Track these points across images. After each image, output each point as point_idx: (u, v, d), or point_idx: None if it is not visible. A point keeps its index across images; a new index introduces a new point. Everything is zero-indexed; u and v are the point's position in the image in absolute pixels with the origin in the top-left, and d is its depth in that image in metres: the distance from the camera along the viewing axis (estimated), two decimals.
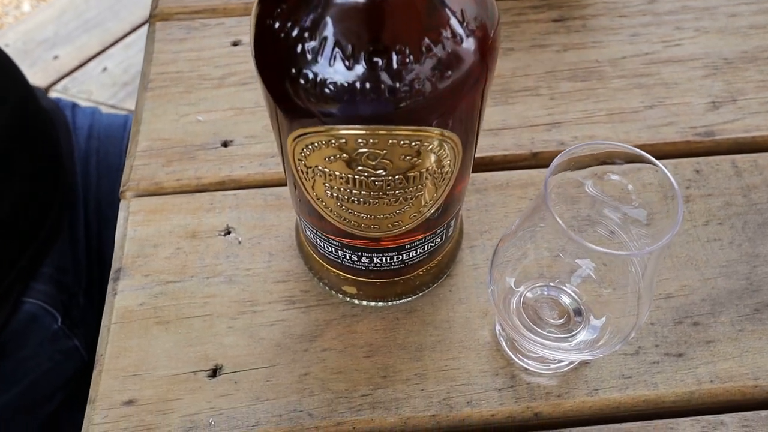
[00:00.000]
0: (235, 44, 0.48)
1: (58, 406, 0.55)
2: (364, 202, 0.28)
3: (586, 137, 0.43)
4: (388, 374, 0.35)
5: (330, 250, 0.33)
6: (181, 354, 0.36)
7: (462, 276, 0.38)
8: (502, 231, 0.39)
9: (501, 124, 0.43)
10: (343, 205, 0.28)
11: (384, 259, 0.33)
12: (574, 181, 0.32)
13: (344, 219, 0.29)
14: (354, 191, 0.27)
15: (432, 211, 0.30)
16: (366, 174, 0.26)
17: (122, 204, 0.41)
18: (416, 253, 0.33)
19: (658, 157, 0.30)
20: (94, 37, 0.97)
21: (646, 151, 0.30)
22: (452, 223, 0.33)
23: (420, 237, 0.32)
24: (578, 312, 0.34)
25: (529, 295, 0.34)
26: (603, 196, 0.32)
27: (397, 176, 0.26)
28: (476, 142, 0.30)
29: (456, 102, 0.24)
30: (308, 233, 0.34)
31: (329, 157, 0.25)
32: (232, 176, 0.42)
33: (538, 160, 0.42)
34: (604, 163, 0.31)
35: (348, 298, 0.37)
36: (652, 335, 0.36)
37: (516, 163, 0.42)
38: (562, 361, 0.35)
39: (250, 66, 0.39)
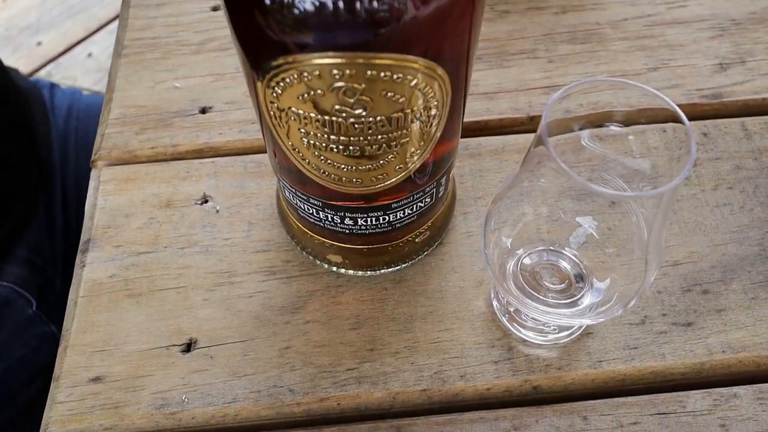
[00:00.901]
0: (215, 9, 0.46)
1: (37, 393, 0.52)
2: (344, 150, 0.25)
3: (589, 103, 0.40)
4: (376, 347, 0.32)
5: (311, 211, 0.31)
6: (153, 328, 0.33)
7: (455, 244, 0.35)
8: None
9: (496, 88, 0.41)
10: (321, 155, 0.26)
11: (369, 220, 0.30)
12: (572, 142, 0.30)
13: (323, 172, 0.27)
14: (332, 137, 0.25)
15: (419, 163, 0.27)
16: (344, 114, 0.23)
17: (93, 173, 0.39)
18: (404, 213, 0.31)
19: (661, 121, 0.28)
20: (78, 22, 0.94)
21: (648, 115, 0.28)
22: (443, 181, 0.31)
23: (407, 195, 0.29)
24: (580, 277, 0.31)
25: (526, 261, 0.32)
26: (603, 149, 0.30)
27: (379, 118, 0.24)
28: (466, 88, 0.27)
29: (442, 28, 0.22)
30: (288, 195, 0.31)
31: (302, 96, 0.23)
32: (211, 144, 0.39)
33: (535, 125, 0.40)
34: (603, 113, 0.28)
35: (333, 268, 0.34)
36: (659, 304, 0.33)
37: (512, 128, 0.40)
38: (563, 331, 0.32)
39: None
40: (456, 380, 0.31)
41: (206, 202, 0.37)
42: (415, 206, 0.31)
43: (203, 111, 0.41)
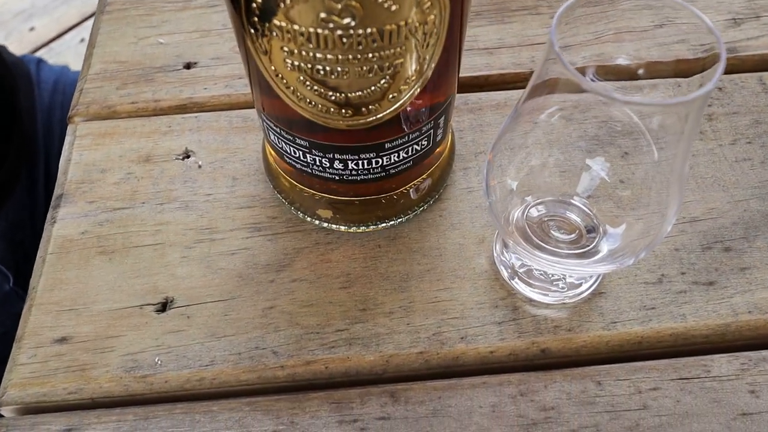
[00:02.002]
0: None
1: None
2: (332, 73, 0.23)
3: (593, 56, 0.38)
4: (368, 307, 0.30)
5: (297, 155, 0.28)
6: (126, 286, 0.30)
7: (454, 200, 0.33)
8: None
9: (497, 43, 0.39)
10: (307, 81, 0.23)
11: (361, 164, 0.28)
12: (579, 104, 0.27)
13: (309, 102, 0.24)
14: (318, 56, 0.22)
15: (417, 90, 0.25)
16: (331, 25, 0.21)
17: (69, 128, 0.36)
18: (398, 157, 0.28)
19: (670, 77, 0.26)
20: (72, 7, 0.92)
21: (657, 69, 0.25)
22: (440, 123, 0.28)
23: (402, 135, 0.27)
24: (592, 228, 0.28)
25: (533, 212, 0.29)
26: (609, 87, 0.27)
27: (369, 30, 0.21)
28: (464, 14, 0.25)
29: None
30: (273, 138, 0.29)
31: (285, 2, 0.21)
32: (195, 99, 0.37)
33: None
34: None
35: (324, 224, 0.32)
36: (677, 262, 0.31)
37: (514, 84, 0.37)
38: (572, 289, 0.29)
39: None
40: (456, 342, 0.29)
41: (188, 157, 0.35)
42: (410, 149, 0.28)
43: (188, 66, 0.38)
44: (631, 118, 0.28)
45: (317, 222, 0.32)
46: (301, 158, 0.28)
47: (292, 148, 0.28)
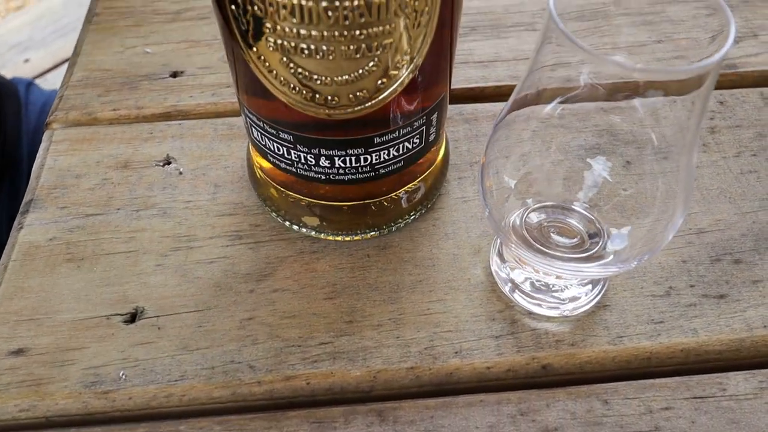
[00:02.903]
0: None
1: None
2: (316, 52, 0.21)
3: (591, 70, 0.37)
4: (355, 319, 0.27)
5: (281, 152, 0.26)
6: (93, 295, 0.28)
7: (448, 209, 0.31)
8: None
9: (493, 57, 0.38)
10: (291, 63, 0.22)
11: (349, 160, 0.26)
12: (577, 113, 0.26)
13: (293, 88, 0.23)
14: (302, 32, 0.21)
15: (406, 81, 0.23)
16: None
17: (45, 134, 0.35)
18: (389, 155, 0.26)
19: (669, 93, 0.25)
20: (69, 41, 0.92)
21: (655, 82, 0.25)
22: (433, 120, 0.27)
23: (392, 129, 0.25)
24: (594, 234, 0.27)
25: (532, 218, 0.27)
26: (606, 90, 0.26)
27: (356, 2, 0.20)
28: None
29: None
30: (255, 134, 0.27)
31: None
32: (179, 107, 0.35)
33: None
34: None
35: (312, 232, 0.30)
36: (685, 274, 0.29)
37: (510, 96, 0.36)
38: (573, 302, 0.27)
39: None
40: (449, 357, 0.26)
41: (168, 163, 0.33)
42: (401, 147, 0.26)
43: (174, 75, 0.37)
44: (634, 126, 0.26)
45: (304, 230, 0.30)
46: (285, 155, 0.26)
47: (275, 144, 0.26)
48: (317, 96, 0.23)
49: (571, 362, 0.26)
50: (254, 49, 0.22)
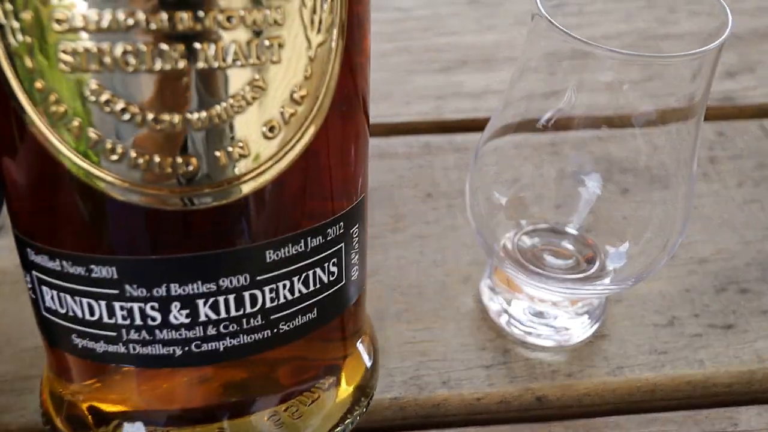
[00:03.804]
0: None
1: None
2: (160, 89, 0.13)
3: (583, 105, 0.37)
4: None
5: (98, 314, 0.16)
6: None
7: (437, 237, 0.30)
8: None
9: (483, 89, 0.38)
10: (104, 95, 0.13)
11: (224, 307, 0.16)
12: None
13: (111, 152, 0.14)
14: (119, 46, 0.13)
15: (309, 132, 0.15)
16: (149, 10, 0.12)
17: None
18: (292, 291, 0.17)
19: (666, 123, 0.25)
20: None
21: (652, 119, 0.24)
22: (354, 235, 0.18)
23: (293, 232, 0.16)
24: (590, 258, 0.25)
25: (525, 242, 0.26)
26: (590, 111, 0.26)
27: (219, 17, 0.13)
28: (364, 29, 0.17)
29: None
30: (45, 294, 0.17)
31: None
32: None
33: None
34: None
35: None
36: (689, 303, 0.27)
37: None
38: (569, 329, 0.26)
39: None
40: (437, 387, 0.24)
41: None
42: (312, 275, 0.17)
43: None
44: (632, 154, 0.26)
45: None
46: (105, 318, 0.16)
47: (84, 303, 0.16)
48: (156, 170, 0.14)
49: (567, 394, 0.24)
50: (37, 84, 0.13)
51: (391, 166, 0.33)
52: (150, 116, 0.13)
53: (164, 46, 0.13)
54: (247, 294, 0.16)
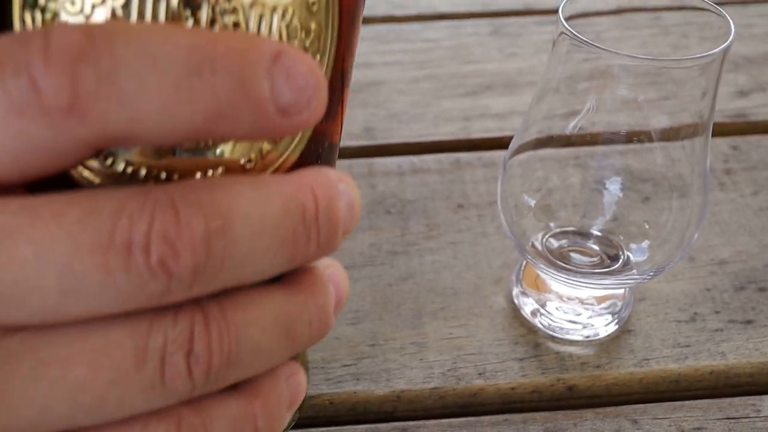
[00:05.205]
0: None
1: None
2: None
3: (602, 122, 0.39)
4: (377, 343, 0.28)
5: None
6: None
7: (469, 243, 0.32)
8: None
9: (508, 110, 0.40)
10: None
11: None
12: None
13: None
14: None
15: None
16: None
17: None
18: None
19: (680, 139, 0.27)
20: None
21: (667, 136, 0.27)
22: None
23: None
24: (614, 258, 0.27)
25: (553, 243, 0.28)
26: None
27: None
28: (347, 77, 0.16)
29: None
30: None
31: None
32: None
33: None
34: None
35: None
36: (710, 301, 0.28)
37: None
38: (599, 325, 0.27)
39: None
40: (473, 378, 0.26)
41: None
42: None
43: None
44: (649, 165, 0.28)
45: None
46: None
47: None
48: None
49: (597, 384, 0.26)
50: None
51: (424, 181, 0.35)
52: None
53: None
54: None
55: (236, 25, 0.12)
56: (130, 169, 0.12)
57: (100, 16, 0.11)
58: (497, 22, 0.48)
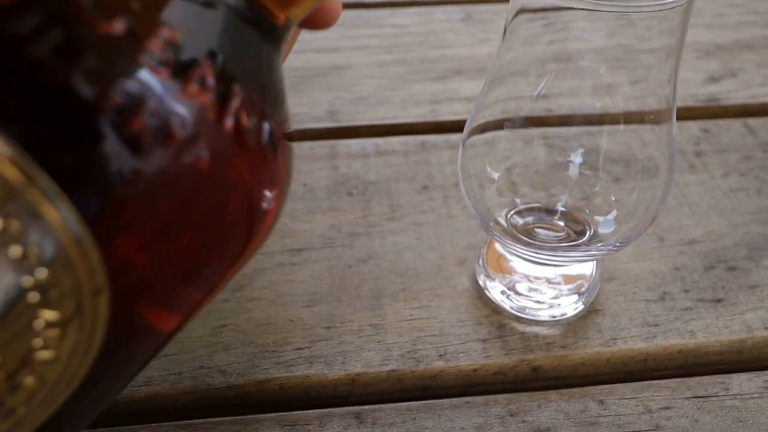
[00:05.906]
0: None
1: None
2: None
3: (574, 105, 0.38)
4: (334, 325, 0.26)
5: None
6: None
7: (433, 224, 0.30)
8: None
9: (477, 94, 0.39)
10: None
11: None
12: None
13: None
14: None
15: None
16: None
17: None
18: None
19: (647, 122, 0.26)
20: None
21: (637, 118, 0.26)
22: None
23: None
24: (581, 233, 0.26)
25: (517, 220, 0.27)
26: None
27: None
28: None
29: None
30: None
31: None
32: None
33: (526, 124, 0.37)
34: None
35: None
36: (679, 280, 0.28)
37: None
38: (565, 304, 0.26)
39: None
40: (433, 360, 0.25)
41: None
42: None
43: None
44: (622, 147, 0.27)
45: None
46: None
47: None
48: None
49: (562, 364, 0.25)
50: None
51: (388, 163, 0.34)
52: None
53: None
54: None
55: None
56: None
57: None
58: (469, 8, 0.47)
